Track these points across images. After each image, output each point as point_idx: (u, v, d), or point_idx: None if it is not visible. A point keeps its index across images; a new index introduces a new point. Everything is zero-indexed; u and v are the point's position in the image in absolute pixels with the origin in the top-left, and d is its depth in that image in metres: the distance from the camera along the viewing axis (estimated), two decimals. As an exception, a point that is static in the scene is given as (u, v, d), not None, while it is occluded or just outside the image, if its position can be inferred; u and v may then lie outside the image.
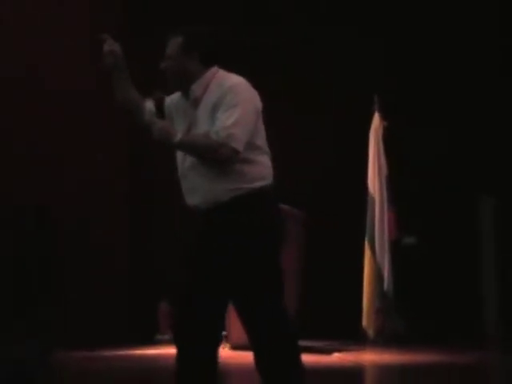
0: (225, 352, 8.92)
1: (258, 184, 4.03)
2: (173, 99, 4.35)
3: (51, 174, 10.36)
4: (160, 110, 4.33)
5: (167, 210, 11.54)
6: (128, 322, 11.01)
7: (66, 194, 10.49)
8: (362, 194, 10.57)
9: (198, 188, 4.07)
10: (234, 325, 7.39)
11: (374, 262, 10.31)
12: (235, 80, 4.12)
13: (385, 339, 10.03)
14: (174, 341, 4.21)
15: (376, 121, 10.70)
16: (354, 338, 10.09)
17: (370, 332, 10.20)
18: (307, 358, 7.90)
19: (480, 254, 11.40)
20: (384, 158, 10.59)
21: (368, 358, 8.72)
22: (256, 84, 4.25)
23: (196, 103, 4.14)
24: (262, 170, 4.08)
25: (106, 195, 11.17)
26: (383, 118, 10.68)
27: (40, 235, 9.89)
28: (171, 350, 9.56)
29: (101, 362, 8.30)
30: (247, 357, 4.51)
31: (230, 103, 3.98)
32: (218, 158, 3.96)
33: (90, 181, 10.94)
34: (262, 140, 4.14)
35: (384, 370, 7.54)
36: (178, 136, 3.98)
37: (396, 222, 10.48)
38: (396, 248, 10.50)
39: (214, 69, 4.18)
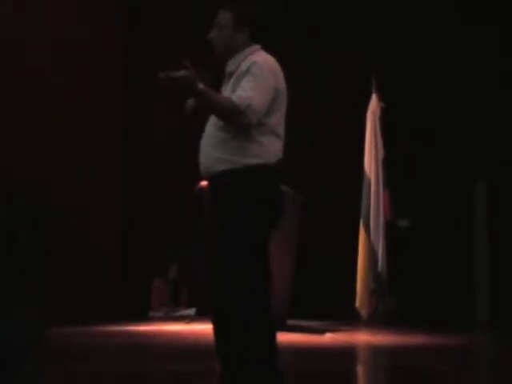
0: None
1: (253, 161, 4.07)
2: None
3: (47, 153, 10.44)
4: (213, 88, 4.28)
5: (161, 187, 11.58)
6: (121, 299, 11.07)
7: (61, 174, 10.58)
8: (358, 176, 10.61)
9: (203, 153, 4.19)
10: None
11: (369, 243, 10.35)
12: (263, 57, 4.19)
13: (378, 320, 10.10)
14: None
15: (373, 102, 10.70)
16: (347, 318, 10.16)
17: (363, 313, 10.27)
18: (300, 338, 8.03)
19: (473, 236, 11.46)
20: (381, 140, 10.60)
21: (360, 338, 8.77)
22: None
23: (229, 77, 4.22)
24: (261, 148, 4.10)
25: (100, 174, 11.23)
26: (380, 99, 10.69)
27: (31, 212, 9.94)
28: (164, 327, 9.67)
29: (93, 338, 8.35)
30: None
31: (252, 74, 4.05)
32: (231, 122, 4.03)
33: (84, 162, 11.02)
34: (275, 121, 4.17)
35: (376, 351, 7.58)
36: (201, 85, 4.00)
37: (391, 203, 10.51)
38: (390, 230, 10.54)
39: (256, 47, 4.26)
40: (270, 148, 4.14)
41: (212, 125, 4.17)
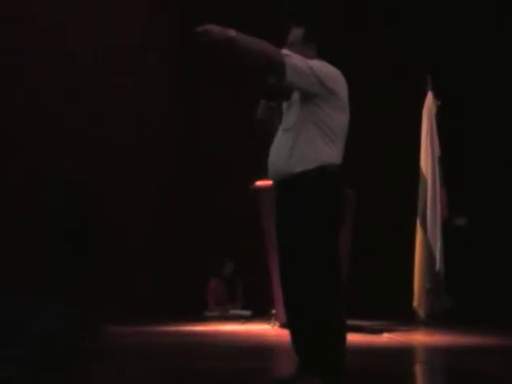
0: (274, 330, 8.97)
1: (327, 161, 4.21)
2: None
3: (94, 149, 10.47)
4: (271, 95, 4.47)
5: (217, 187, 11.62)
6: (177, 299, 11.10)
7: (114, 171, 10.65)
8: (414, 174, 10.48)
9: (275, 157, 4.33)
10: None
11: (426, 242, 10.21)
12: (327, 64, 4.35)
13: (435, 320, 9.97)
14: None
15: (429, 100, 10.58)
16: (405, 318, 10.04)
17: (421, 312, 10.14)
18: (357, 338, 7.96)
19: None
20: (437, 138, 10.48)
21: (418, 338, 8.65)
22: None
23: None
24: (332, 151, 4.25)
25: (155, 174, 11.28)
26: (436, 97, 10.56)
27: (71, 208, 10.01)
28: (219, 327, 9.68)
29: (150, 337, 8.36)
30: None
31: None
32: (267, 69, 4.14)
33: (139, 164, 11.06)
34: (338, 128, 4.29)
35: (434, 351, 7.47)
36: (234, 32, 4.05)
37: (447, 201, 10.38)
38: (447, 229, 10.40)
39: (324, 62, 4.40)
40: (338, 149, 4.31)
41: (284, 129, 4.31)
